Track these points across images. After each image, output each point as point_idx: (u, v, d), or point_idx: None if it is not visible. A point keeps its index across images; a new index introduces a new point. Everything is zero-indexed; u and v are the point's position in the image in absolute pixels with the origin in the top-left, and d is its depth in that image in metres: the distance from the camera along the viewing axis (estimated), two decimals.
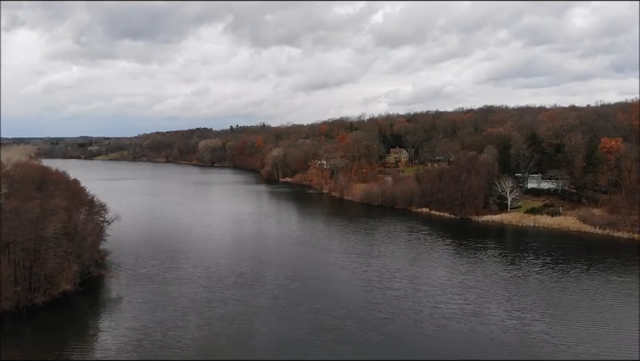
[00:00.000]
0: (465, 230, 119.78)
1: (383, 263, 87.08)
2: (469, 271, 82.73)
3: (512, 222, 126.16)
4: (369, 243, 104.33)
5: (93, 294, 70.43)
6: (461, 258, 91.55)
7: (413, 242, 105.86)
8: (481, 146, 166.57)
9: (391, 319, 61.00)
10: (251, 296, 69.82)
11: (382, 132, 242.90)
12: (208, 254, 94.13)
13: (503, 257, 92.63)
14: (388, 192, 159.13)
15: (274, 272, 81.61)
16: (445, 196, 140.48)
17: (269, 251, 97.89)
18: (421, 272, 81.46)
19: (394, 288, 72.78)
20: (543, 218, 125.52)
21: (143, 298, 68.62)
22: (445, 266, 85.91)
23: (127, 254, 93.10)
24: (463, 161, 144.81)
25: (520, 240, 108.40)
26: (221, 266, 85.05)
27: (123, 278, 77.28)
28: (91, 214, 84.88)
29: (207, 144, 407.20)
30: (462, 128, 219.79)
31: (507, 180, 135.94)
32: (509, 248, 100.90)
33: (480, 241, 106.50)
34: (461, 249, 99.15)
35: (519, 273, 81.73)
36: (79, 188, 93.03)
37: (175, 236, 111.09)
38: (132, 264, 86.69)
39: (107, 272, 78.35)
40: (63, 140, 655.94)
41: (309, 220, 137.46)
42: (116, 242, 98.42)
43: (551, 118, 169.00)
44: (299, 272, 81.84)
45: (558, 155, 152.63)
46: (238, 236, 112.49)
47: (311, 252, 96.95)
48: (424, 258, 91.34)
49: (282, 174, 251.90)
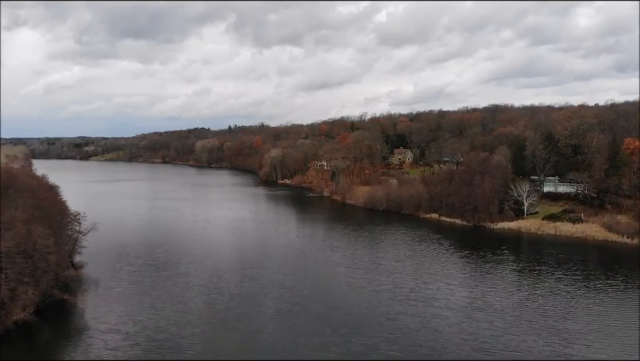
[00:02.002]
0: (481, 240, 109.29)
1: (394, 281, 76.53)
2: (492, 290, 72.33)
3: (530, 229, 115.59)
4: (376, 255, 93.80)
5: (53, 323, 59.88)
6: (481, 275, 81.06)
7: (424, 253, 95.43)
8: (491, 147, 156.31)
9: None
10: (245, 327, 59.42)
11: (385, 132, 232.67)
12: (196, 268, 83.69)
13: (529, 272, 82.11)
14: (393, 196, 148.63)
15: (272, 293, 71.22)
16: (456, 201, 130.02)
17: (266, 264, 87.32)
18: (438, 293, 70.94)
19: (410, 315, 62.24)
20: (564, 225, 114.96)
21: (113, 326, 58.22)
22: (465, 284, 75.43)
23: (105, 268, 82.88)
24: (475, 163, 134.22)
25: (542, 250, 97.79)
26: (210, 287, 74.55)
27: (93, 300, 66.94)
28: (60, 226, 74.36)
29: (205, 144, 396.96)
30: (469, 127, 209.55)
31: (523, 184, 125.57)
32: (533, 260, 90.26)
33: (499, 252, 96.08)
34: (479, 262, 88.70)
35: (550, 291, 71.22)
36: (50, 196, 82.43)
37: (163, 246, 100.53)
38: (108, 280, 76.35)
39: (74, 293, 67.89)
40: (60, 140, 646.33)
41: (310, 227, 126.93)
42: (94, 254, 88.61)
43: (566, 116, 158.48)
44: (300, 293, 71.41)
45: (576, 156, 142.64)
46: (233, 248, 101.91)
47: (313, 267, 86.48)
48: (439, 274, 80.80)
49: (281, 175, 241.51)
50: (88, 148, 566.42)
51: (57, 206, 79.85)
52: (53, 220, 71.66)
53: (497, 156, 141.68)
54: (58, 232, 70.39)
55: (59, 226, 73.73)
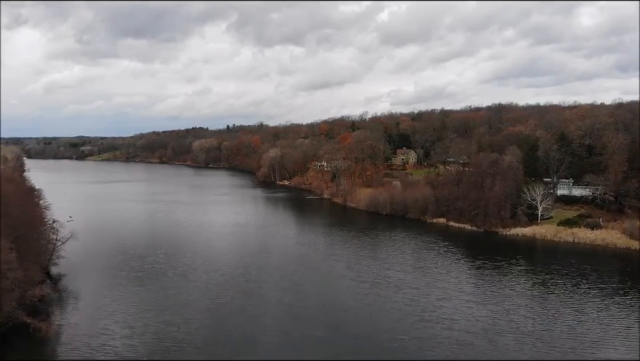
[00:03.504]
0: (494, 247, 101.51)
1: (404, 297, 68.71)
2: (515, 307, 64.55)
3: (546, 236, 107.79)
4: (382, 266, 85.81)
5: (16, 350, 52.03)
6: (500, 289, 73.18)
7: (434, 263, 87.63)
8: (500, 147, 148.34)
9: None
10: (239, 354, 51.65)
11: (387, 132, 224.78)
12: (185, 282, 75.84)
13: (552, 286, 74.26)
14: (398, 199, 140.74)
15: (269, 312, 63.45)
16: (465, 205, 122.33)
17: (263, 276, 79.48)
18: (455, 312, 63.01)
19: (427, 340, 54.40)
20: (582, 231, 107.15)
21: (83, 355, 50.40)
22: (484, 301, 67.57)
23: (85, 280, 75.10)
24: (486, 164, 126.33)
25: (563, 260, 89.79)
26: (200, 306, 66.71)
27: (67, 318, 59.17)
28: (31, 236, 66.47)
29: (202, 144, 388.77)
30: (475, 127, 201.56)
31: (537, 187, 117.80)
32: (554, 271, 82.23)
33: (515, 262, 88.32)
34: (496, 274, 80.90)
35: (581, 309, 63.47)
36: (26, 201, 74.57)
37: (151, 255, 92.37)
38: (87, 294, 68.56)
39: (46, 312, 60.07)
40: (58, 139, 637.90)
41: (310, 233, 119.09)
42: (76, 264, 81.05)
43: (579, 115, 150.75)
44: (301, 313, 63.64)
45: (590, 157, 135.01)
46: (226, 258, 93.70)
47: (314, 280, 78.72)
48: (454, 289, 72.93)
49: (279, 176, 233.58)
50: (84, 148, 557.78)
51: (31, 213, 71.92)
52: (23, 230, 63.75)
53: (507, 157, 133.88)
54: (27, 244, 62.48)
55: (30, 237, 65.83)
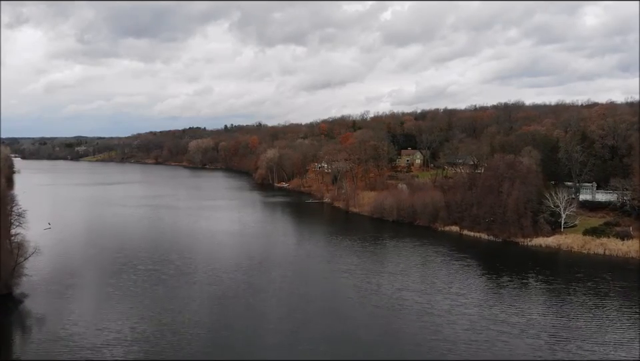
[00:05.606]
0: (517, 260, 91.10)
1: (424, 324, 58.17)
2: (564, 341, 54.01)
3: (573, 247, 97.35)
4: (394, 285, 74.95)
5: None
6: (541, 316, 62.44)
7: (454, 280, 76.95)
8: (514, 148, 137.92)
9: None
10: None
11: (391, 131, 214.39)
12: (169, 301, 65.23)
13: (597, 309, 63.78)
14: (405, 205, 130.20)
15: (267, 341, 52.88)
16: (481, 212, 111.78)
17: (260, 295, 68.86)
18: (492, 346, 52.56)
19: None
20: (612, 242, 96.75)
21: None
22: (524, 332, 56.77)
23: (52, 300, 64.54)
24: (502, 167, 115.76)
25: (600, 276, 79.03)
26: (184, 332, 56.10)
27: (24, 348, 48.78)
28: None
29: (198, 144, 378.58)
30: (484, 127, 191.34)
31: (560, 192, 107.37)
32: (594, 291, 71.32)
33: (545, 278, 77.83)
34: (529, 295, 70.36)
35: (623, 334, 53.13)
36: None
37: (132, 267, 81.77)
38: (52, 316, 58.06)
39: None
40: (56, 140, 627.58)
41: (310, 242, 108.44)
42: (46, 282, 70.91)
43: (600, 114, 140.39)
44: (305, 345, 53.10)
45: (613, 159, 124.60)
46: (218, 270, 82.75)
47: (318, 301, 68.10)
48: (484, 316, 62.15)
49: (277, 178, 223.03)
50: (79, 148, 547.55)
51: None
52: None
53: (524, 159, 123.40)
54: None
55: None
